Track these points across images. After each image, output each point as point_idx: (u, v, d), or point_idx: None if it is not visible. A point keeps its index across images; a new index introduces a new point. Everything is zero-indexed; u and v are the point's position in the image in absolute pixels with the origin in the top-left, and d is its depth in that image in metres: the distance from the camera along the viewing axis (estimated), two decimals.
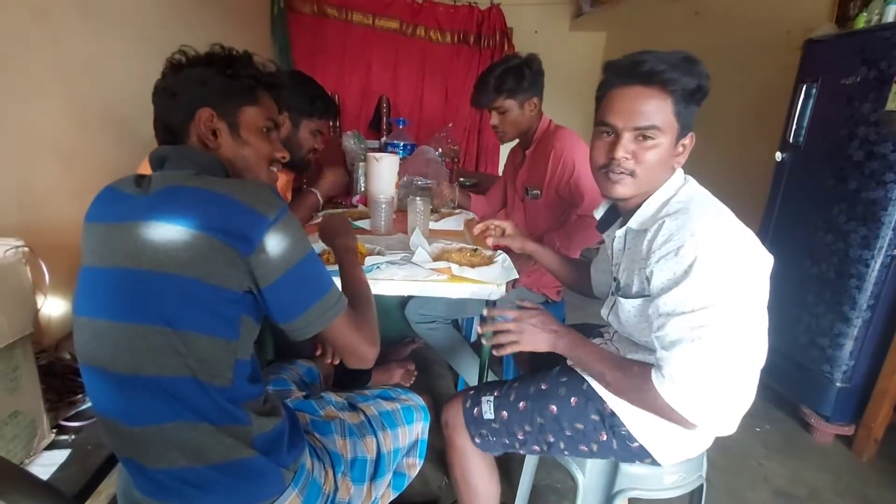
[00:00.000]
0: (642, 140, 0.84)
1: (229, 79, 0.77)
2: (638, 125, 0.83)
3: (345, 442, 0.84)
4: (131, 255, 0.64)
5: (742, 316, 0.78)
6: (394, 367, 1.82)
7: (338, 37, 3.39)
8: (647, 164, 0.85)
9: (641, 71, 0.81)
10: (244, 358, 0.69)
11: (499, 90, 1.56)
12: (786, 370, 1.91)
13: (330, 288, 0.73)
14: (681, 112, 0.84)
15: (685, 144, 0.89)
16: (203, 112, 0.74)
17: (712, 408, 0.80)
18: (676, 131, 0.85)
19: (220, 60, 0.78)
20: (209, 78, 0.75)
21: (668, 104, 0.82)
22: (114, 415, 0.66)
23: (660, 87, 0.82)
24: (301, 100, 1.42)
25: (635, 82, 0.83)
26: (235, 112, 0.77)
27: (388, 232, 1.54)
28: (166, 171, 0.72)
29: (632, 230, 0.93)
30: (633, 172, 0.86)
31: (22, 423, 0.82)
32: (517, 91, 1.56)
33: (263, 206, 0.65)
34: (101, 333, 0.65)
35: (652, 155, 0.84)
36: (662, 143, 0.84)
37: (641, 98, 0.83)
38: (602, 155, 0.88)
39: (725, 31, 2.92)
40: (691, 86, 0.82)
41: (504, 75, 1.55)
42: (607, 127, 0.87)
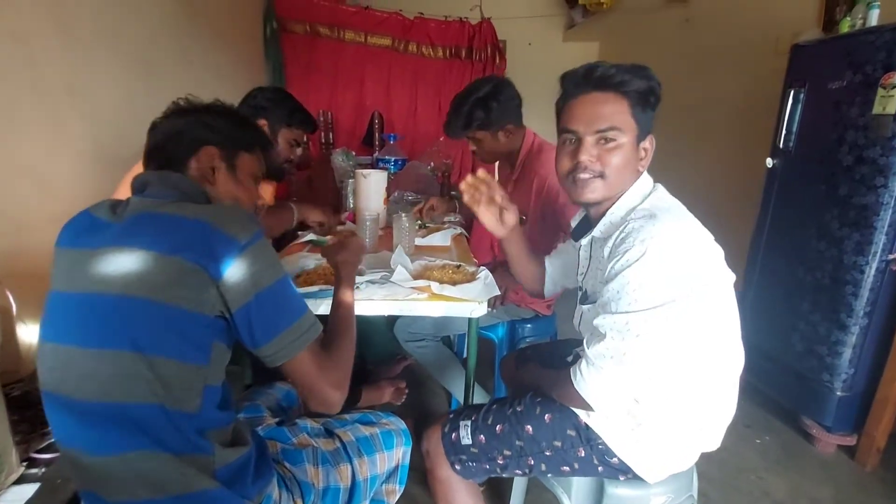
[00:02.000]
0: (605, 143, 0.87)
1: (237, 129, 0.85)
2: (599, 128, 0.86)
3: (317, 470, 0.82)
4: (101, 281, 0.64)
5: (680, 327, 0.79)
6: (384, 386, 1.79)
7: (331, 55, 3.41)
8: (612, 166, 0.87)
9: (595, 77, 0.86)
10: (214, 384, 0.69)
11: (467, 125, 1.56)
12: (784, 380, 1.87)
13: (302, 314, 0.72)
14: (637, 115, 0.87)
15: (646, 148, 0.91)
16: (208, 149, 0.80)
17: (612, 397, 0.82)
18: (636, 132, 0.88)
19: (233, 114, 0.87)
20: (219, 124, 0.82)
21: (624, 106, 0.86)
22: (76, 445, 0.65)
23: (614, 91, 0.86)
24: (279, 111, 1.52)
25: (591, 89, 0.87)
26: (235, 156, 0.84)
27: (373, 249, 1.53)
28: (144, 198, 0.73)
29: (597, 238, 0.94)
30: (601, 174, 0.88)
31: None
32: (487, 123, 1.55)
33: (236, 230, 0.66)
34: (67, 360, 0.65)
35: (616, 156, 0.87)
36: (624, 144, 0.87)
37: (599, 102, 0.86)
38: (567, 161, 0.90)
39: (715, 38, 2.94)
40: (643, 87, 0.86)
41: (472, 110, 1.54)
42: (570, 134, 0.90)
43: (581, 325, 1.00)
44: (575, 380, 0.83)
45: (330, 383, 0.74)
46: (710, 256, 0.84)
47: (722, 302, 0.86)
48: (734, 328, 0.89)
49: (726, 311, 0.87)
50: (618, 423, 0.89)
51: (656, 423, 0.88)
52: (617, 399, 0.83)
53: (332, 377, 0.74)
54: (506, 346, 1.70)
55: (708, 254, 0.83)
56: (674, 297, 0.77)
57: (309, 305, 0.74)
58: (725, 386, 0.90)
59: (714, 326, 0.85)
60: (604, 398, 0.82)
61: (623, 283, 0.79)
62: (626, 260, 0.79)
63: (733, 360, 0.90)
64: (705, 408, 0.89)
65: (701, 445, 0.92)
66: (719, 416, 0.91)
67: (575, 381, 0.83)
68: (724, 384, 0.90)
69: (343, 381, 0.77)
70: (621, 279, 0.79)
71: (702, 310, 0.81)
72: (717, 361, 0.88)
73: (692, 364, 0.85)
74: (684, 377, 0.85)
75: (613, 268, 0.81)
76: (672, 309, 0.77)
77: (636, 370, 0.79)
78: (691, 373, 0.86)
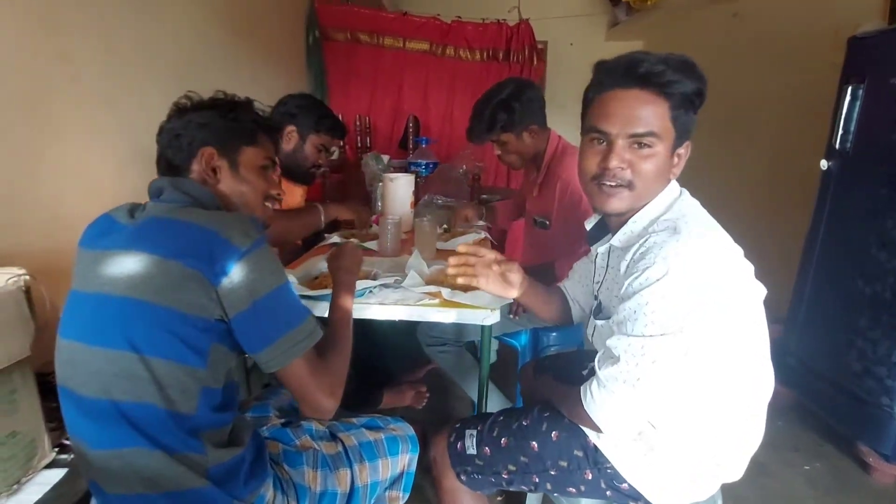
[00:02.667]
0: (638, 148, 0.78)
1: (231, 122, 0.83)
2: (634, 132, 0.77)
3: (315, 474, 0.83)
4: (109, 282, 0.68)
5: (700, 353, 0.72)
6: (405, 389, 1.80)
7: (370, 61, 3.48)
8: (644, 175, 0.78)
9: (638, 73, 0.75)
10: (214, 387, 0.71)
11: (491, 128, 1.53)
12: (838, 402, 1.71)
13: (300, 323, 0.73)
14: (679, 118, 0.77)
15: (681, 154, 0.82)
16: (205, 150, 0.80)
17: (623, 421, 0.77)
18: (673, 139, 0.79)
19: (224, 105, 0.84)
20: (211, 120, 0.81)
21: (665, 109, 0.76)
22: (81, 437, 0.69)
23: (657, 91, 0.76)
24: (309, 117, 1.57)
25: (631, 85, 0.77)
26: (236, 152, 0.83)
27: (394, 253, 1.53)
28: (159, 202, 0.77)
29: (616, 248, 0.87)
30: (630, 184, 0.79)
31: (20, 443, 0.87)
32: (510, 124, 1.52)
33: (238, 237, 0.68)
34: (76, 356, 0.69)
35: (649, 165, 0.78)
36: (660, 153, 0.78)
37: (638, 102, 0.76)
38: (593, 164, 0.81)
39: (766, 33, 2.75)
40: (690, 89, 0.76)
41: (494, 112, 1.52)
42: (599, 134, 0.80)
43: (594, 337, 0.95)
44: (585, 400, 0.78)
45: (323, 391, 0.74)
46: (737, 275, 0.75)
47: (748, 322, 0.78)
48: (762, 349, 0.81)
49: (753, 331, 0.79)
50: (629, 447, 0.84)
51: (671, 449, 0.82)
52: (628, 424, 0.78)
53: (326, 385, 0.75)
54: (529, 353, 1.65)
55: (734, 272, 0.75)
56: (695, 322, 0.70)
57: (323, 307, 0.74)
58: (751, 411, 0.82)
59: (739, 348, 0.78)
60: (614, 422, 0.77)
61: (640, 304, 0.71)
62: (645, 278, 0.71)
63: (760, 384, 0.82)
64: (727, 435, 0.82)
65: (721, 475, 0.85)
66: (743, 445, 0.84)
67: (585, 402, 0.78)
68: (748, 409, 0.82)
69: (336, 389, 0.77)
70: (639, 299, 0.72)
71: (725, 332, 0.74)
72: (742, 385, 0.80)
73: (713, 388, 0.78)
74: (704, 401, 0.79)
75: (631, 285, 0.73)
76: (692, 334, 0.70)
77: (650, 396, 0.73)
78: (712, 397, 0.79)
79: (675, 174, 0.83)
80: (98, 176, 1.42)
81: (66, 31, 1.30)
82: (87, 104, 1.38)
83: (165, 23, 1.73)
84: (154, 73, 1.63)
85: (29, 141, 1.20)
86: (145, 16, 1.62)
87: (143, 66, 1.60)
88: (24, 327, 0.86)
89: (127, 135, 1.52)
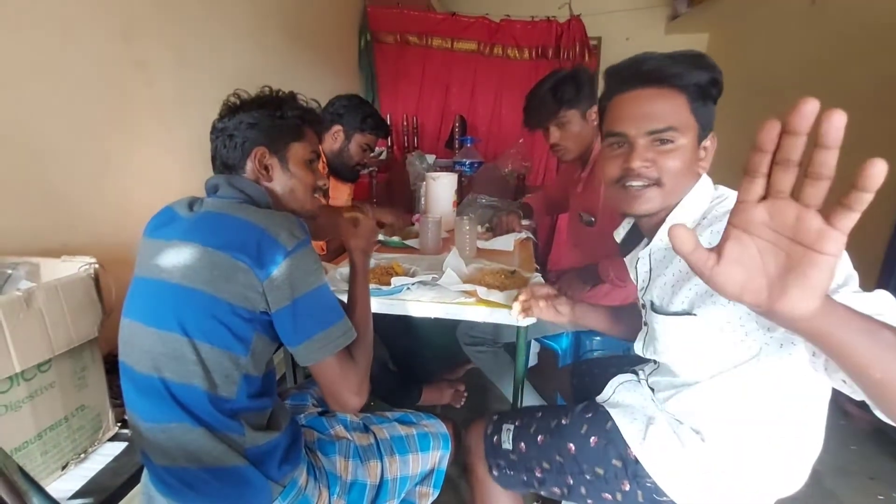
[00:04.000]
0: (660, 145, 0.75)
1: (279, 119, 0.86)
2: (653, 128, 0.74)
3: (346, 464, 0.85)
4: (166, 269, 0.73)
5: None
6: (444, 387, 1.80)
7: (418, 62, 3.53)
8: (671, 172, 0.75)
9: (645, 70, 0.74)
10: (255, 374, 0.75)
11: (560, 101, 1.46)
12: None
13: (334, 323, 0.75)
14: (698, 109, 0.74)
15: (707, 147, 0.78)
16: (258, 150, 0.84)
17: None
18: (697, 131, 0.75)
19: (270, 103, 0.87)
20: (261, 120, 0.84)
21: (682, 101, 0.74)
22: (134, 410, 0.75)
23: (669, 85, 0.74)
24: (354, 117, 1.62)
25: (640, 84, 0.75)
26: (285, 148, 0.86)
27: (435, 251, 1.55)
28: (214, 198, 0.82)
29: (660, 249, 0.82)
30: (658, 181, 0.76)
31: (88, 416, 0.96)
32: (577, 100, 1.46)
33: (285, 237, 0.71)
34: (133, 335, 0.75)
35: (674, 160, 0.74)
36: (684, 145, 0.74)
37: (652, 99, 0.74)
38: (615, 167, 0.78)
39: (849, 20, 2.51)
40: (704, 79, 0.74)
41: (560, 85, 1.46)
42: (617, 137, 0.78)
43: (646, 348, 0.87)
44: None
45: (351, 389, 0.76)
46: None
47: None
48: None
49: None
50: (672, 461, 0.79)
51: (718, 463, 0.77)
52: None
53: (354, 383, 0.77)
54: (570, 357, 1.61)
55: None
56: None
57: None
58: (806, 419, 0.75)
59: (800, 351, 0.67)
60: None
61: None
62: None
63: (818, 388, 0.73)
64: (779, 445, 0.75)
65: (774, 490, 0.78)
66: (798, 456, 0.77)
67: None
68: (804, 417, 0.75)
69: (363, 387, 0.78)
70: None
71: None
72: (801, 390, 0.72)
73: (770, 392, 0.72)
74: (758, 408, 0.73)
75: None
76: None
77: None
78: (767, 403, 0.73)
79: (705, 168, 0.79)
80: (166, 173, 1.53)
81: (141, 40, 1.42)
82: (159, 107, 1.50)
83: (230, 30, 1.84)
84: (219, 76, 1.75)
85: (105, 142, 1.32)
86: (212, 24, 1.73)
87: (210, 70, 1.71)
88: (93, 310, 0.94)
89: (194, 134, 1.63)
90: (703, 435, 0.78)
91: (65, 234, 1.19)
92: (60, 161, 1.19)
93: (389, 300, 1.13)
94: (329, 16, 2.90)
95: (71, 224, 1.22)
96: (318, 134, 0.94)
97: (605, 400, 0.95)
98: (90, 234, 1.26)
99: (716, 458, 0.77)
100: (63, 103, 1.19)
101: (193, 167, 1.62)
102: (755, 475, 0.77)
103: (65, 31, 1.18)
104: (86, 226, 1.26)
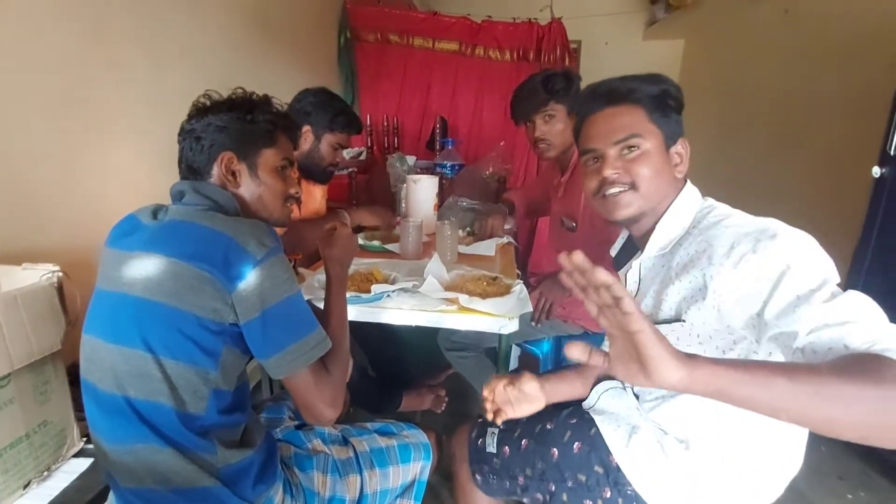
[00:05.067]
0: (627, 152, 0.81)
1: (249, 124, 0.82)
2: (617, 138, 0.81)
3: (324, 479, 0.83)
4: (128, 282, 0.69)
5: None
6: (425, 393, 1.79)
7: (399, 61, 3.50)
8: (642, 175, 0.80)
9: (601, 92, 0.84)
10: (225, 388, 0.72)
11: (550, 92, 1.47)
12: None
13: (308, 333, 0.73)
14: (658, 119, 0.81)
15: (680, 153, 0.83)
16: (225, 155, 0.80)
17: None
18: (661, 137, 0.81)
19: (241, 106, 0.82)
20: (230, 123, 0.80)
21: (640, 112, 0.81)
22: (98, 431, 0.71)
23: (625, 101, 0.82)
24: (323, 115, 1.52)
25: (602, 105, 0.84)
26: (255, 154, 0.82)
27: (415, 256, 1.53)
28: (180, 205, 0.78)
29: (650, 258, 0.84)
30: (632, 185, 0.80)
31: (51, 432, 0.91)
32: (566, 95, 1.48)
33: (253, 246, 0.68)
34: (95, 351, 0.71)
35: (643, 164, 0.80)
36: (649, 150, 0.80)
37: (612, 116, 0.82)
38: (594, 181, 0.84)
39: (821, 30, 2.59)
40: (655, 92, 0.81)
41: (551, 78, 1.48)
42: (591, 153, 0.85)
43: None
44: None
45: (325, 401, 0.74)
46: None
47: None
48: None
49: None
50: (655, 469, 0.80)
51: (700, 472, 0.78)
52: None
53: (329, 395, 0.75)
54: (550, 362, 1.62)
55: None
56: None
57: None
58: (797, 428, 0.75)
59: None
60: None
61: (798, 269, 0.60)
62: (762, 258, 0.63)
63: None
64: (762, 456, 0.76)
65: (757, 499, 0.79)
66: (780, 468, 0.79)
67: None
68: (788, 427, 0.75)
69: (338, 399, 0.76)
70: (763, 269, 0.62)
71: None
72: None
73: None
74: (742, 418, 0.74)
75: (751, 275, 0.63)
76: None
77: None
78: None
79: (682, 172, 0.84)
80: (139, 176, 1.47)
81: (114, 38, 1.36)
82: (132, 108, 1.44)
83: (207, 29, 1.79)
84: (196, 76, 1.69)
85: (73, 142, 1.26)
86: (188, 23, 1.68)
87: (186, 69, 1.65)
88: (55, 321, 0.90)
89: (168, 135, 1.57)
90: (689, 444, 0.79)
91: (29, 238, 1.14)
92: (25, 163, 1.13)
93: (370, 308, 1.11)
94: (306, 12, 2.84)
95: (35, 228, 1.16)
96: (292, 140, 0.90)
97: (590, 406, 0.95)
98: (56, 239, 1.21)
99: (699, 467, 0.78)
100: (30, 103, 1.13)
101: (165, 170, 1.56)
102: (737, 485, 0.78)
103: (33, 29, 1.13)
104: (51, 230, 1.20)
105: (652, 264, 0.85)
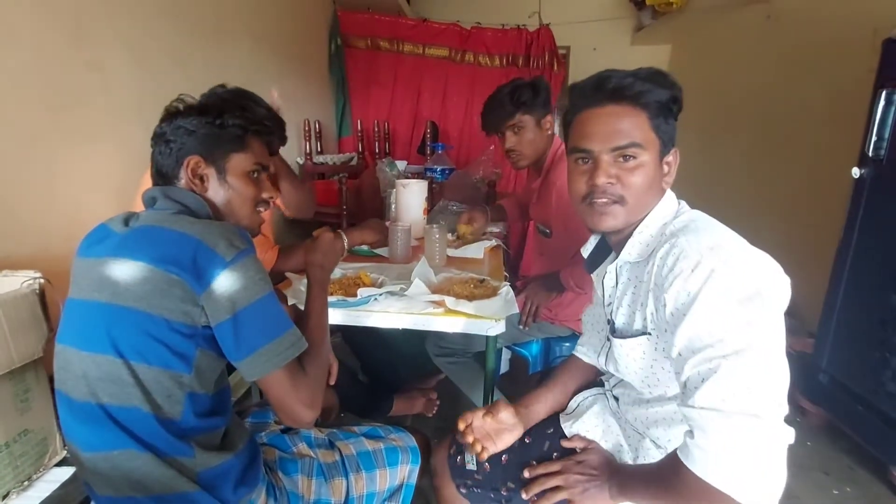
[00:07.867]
0: (623, 161, 0.75)
1: (218, 128, 0.80)
2: (616, 145, 0.75)
3: (309, 483, 0.82)
4: (98, 289, 0.69)
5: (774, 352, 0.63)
6: (416, 396, 1.78)
7: (390, 67, 3.52)
8: (634, 188, 0.75)
9: (608, 88, 0.75)
10: (202, 392, 0.71)
11: (517, 104, 1.48)
12: (872, 424, 1.61)
13: (281, 333, 0.72)
14: (659, 126, 0.76)
15: (670, 162, 0.79)
16: (191, 159, 0.78)
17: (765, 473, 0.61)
18: (658, 148, 0.76)
19: (212, 110, 0.81)
20: (199, 128, 0.79)
21: (643, 119, 0.75)
22: (73, 440, 0.71)
23: (631, 103, 0.75)
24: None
25: (604, 101, 0.76)
26: (223, 158, 0.81)
27: (404, 259, 1.53)
28: (151, 211, 0.77)
29: (627, 263, 0.83)
30: (621, 199, 0.76)
31: (31, 441, 0.90)
32: (533, 106, 1.49)
33: (223, 247, 0.68)
34: (68, 360, 0.70)
35: (638, 176, 0.75)
36: (646, 162, 0.75)
37: (615, 116, 0.75)
38: (582, 184, 0.78)
39: (801, 35, 2.65)
40: (665, 97, 0.75)
41: (517, 90, 1.49)
42: (583, 153, 0.78)
43: (608, 362, 0.89)
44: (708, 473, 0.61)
45: (303, 402, 0.73)
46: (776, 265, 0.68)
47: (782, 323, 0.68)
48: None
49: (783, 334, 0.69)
50: None
51: None
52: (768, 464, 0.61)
53: (306, 396, 0.73)
54: (540, 363, 1.63)
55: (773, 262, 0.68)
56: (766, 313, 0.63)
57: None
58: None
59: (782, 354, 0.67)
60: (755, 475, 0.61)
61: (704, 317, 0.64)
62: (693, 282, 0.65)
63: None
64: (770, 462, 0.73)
65: None
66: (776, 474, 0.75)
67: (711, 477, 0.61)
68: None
69: (316, 400, 0.75)
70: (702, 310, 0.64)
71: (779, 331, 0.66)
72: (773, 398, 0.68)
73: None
74: None
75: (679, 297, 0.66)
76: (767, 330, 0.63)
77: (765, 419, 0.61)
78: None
79: (668, 183, 0.80)
80: (122, 182, 1.46)
81: (95, 42, 1.35)
82: (115, 113, 1.43)
83: (194, 33, 1.79)
84: (182, 81, 1.68)
85: (54, 148, 1.25)
86: (174, 27, 1.67)
87: (171, 74, 1.65)
88: (37, 328, 0.89)
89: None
90: (665, 447, 0.79)
91: (9, 245, 1.12)
92: (3, 168, 1.12)
93: (357, 311, 1.11)
94: (297, 19, 2.85)
95: (16, 235, 1.15)
96: (269, 144, 0.89)
97: (569, 412, 0.95)
98: (38, 246, 1.20)
99: None
100: (8, 108, 1.13)
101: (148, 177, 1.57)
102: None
103: (8, 31, 1.12)
104: (33, 237, 1.19)
105: (630, 269, 0.83)
